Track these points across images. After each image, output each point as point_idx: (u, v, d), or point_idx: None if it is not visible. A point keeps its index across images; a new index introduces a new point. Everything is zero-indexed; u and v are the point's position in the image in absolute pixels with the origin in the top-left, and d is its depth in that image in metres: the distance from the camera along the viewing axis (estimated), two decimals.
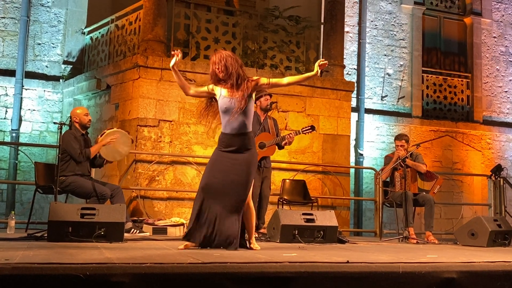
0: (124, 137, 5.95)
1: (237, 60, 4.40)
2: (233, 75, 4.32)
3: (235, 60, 4.38)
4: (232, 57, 4.38)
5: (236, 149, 4.35)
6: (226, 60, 4.34)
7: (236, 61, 4.39)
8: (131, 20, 8.03)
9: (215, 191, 4.32)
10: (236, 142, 4.35)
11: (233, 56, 4.40)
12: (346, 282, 3.03)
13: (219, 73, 4.36)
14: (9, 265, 2.60)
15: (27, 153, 8.09)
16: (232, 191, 4.30)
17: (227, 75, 4.34)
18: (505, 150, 11.25)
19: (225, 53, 4.41)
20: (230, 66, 4.33)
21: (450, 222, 10.17)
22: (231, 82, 4.33)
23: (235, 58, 4.41)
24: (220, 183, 4.32)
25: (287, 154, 7.88)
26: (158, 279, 2.75)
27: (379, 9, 10.71)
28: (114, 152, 5.92)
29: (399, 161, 6.76)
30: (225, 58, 4.35)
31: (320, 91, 8.31)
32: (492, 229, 6.03)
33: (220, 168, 4.35)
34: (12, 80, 8.54)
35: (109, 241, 4.67)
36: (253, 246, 4.42)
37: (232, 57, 4.39)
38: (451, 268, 3.30)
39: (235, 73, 4.33)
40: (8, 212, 7.82)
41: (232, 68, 4.33)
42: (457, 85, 11.17)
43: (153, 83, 7.37)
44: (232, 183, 4.30)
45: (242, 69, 4.40)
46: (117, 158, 6.21)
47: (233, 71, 4.33)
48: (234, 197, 4.30)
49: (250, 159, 4.36)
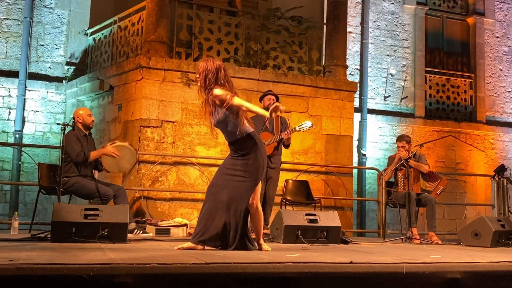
0: (130, 155, 5.93)
1: (217, 76, 4.33)
2: (206, 89, 4.36)
3: (214, 75, 4.33)
4: (213, 72, 4.33)
5: (235, 155, 4.45)
6: (207, 73, 4.34)
7: (216, 77, 4.33)
8: (134, 21, 8.04)
9: (217, 195, 4.38)
10: (233, 149, 4.46)
11: (214, 71, 4.33)
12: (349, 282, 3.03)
13: (198, 82, 4.42)
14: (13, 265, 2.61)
15: (31, 154, 8.10)
16: (231, 195, 4.35)
17: (204, 88, 4.38)
18: (508, 150, 11.22)
19: (210, 66, 4.36)
20: (208, 80, 4.34)
21: (453, 222, 10.15)
22: (205, 97, 4.40)
23: (216, 73, 4.33)
24: (221, 186, 4.39)
25: (290, 155, 7.88)
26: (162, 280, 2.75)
27: (382, 9, 10.70)
28: (114, 165, 5.92)
29: (402, 162, 6.76)
30: (206, 71, 4.34)
31: (323, 92, 8.30)
32: (495, 229, 6.02)
33: (224, 172, 4.45)
34: (15, 81, 8.56)
35: (113, 241, 4.67)
36: (263, 247, 4.42)
37: (213, 72, 4.33)
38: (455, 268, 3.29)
39: (207, 89, 4.36)
40: (11, 213, 7.84)
41: (208, 83, 4.34)
42: (460, 85, 11.16)
43: (156, 84, 7.38)
44: (231, 188, 4.37)
45: (218, 84, 4.33)
46: (115, 171, 6.21)
47: (207, 87, 4.35)
48: (233, 201, 4.35)
49: (246, 163, 4.38)
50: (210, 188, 4.47)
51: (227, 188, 4.37)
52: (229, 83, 4.39)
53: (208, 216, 4.36)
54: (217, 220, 4.33)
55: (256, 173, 4.40)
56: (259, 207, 4.49)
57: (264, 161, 4.45)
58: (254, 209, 4.45)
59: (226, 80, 4.37)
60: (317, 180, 8.11)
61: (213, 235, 4.32)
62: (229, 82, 4.40)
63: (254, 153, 4.41)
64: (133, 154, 5.98)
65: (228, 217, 4.34)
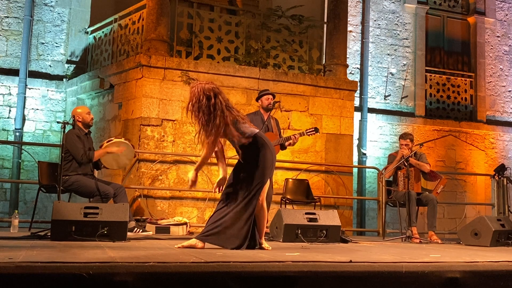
0: (128, 150, 5.96)
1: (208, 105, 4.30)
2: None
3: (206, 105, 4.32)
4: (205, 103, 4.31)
5: (246, 156, 4.44)
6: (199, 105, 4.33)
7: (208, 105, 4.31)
8: (134, 19, 8.04)
9: (230, 196, 4.42)
10: (243, 151, 4.44)
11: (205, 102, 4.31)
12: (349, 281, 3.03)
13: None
14: (12, 264, 2.61)
15: (31, 152, 8.10)
16: (243, 195, 4.37)
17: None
18: (508, 149, 11.22)
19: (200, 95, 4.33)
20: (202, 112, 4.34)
21: (453, 221, 10.15)
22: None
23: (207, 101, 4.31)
24: (234, 186, 4.42)
25: (290, 154, 7.88)
26: (161, 278, 2.75)
27: (382, 8, 10.70)
28: (113, 161, 5.94)
29: (403, 160, 6.75)
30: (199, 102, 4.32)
31: (323, 91, 8.30)
32: (495, 228, 6.02)
33: (237, 172, 4.48)
34: (15, 79, 8.56)
35: (112, 240, 4.68)
36: (264, 246, 4.42)
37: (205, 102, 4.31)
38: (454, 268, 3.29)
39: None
40: (11, 211, 7.85)
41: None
42: (460, 85, 11.15)
43: (156, 82, 7.38)
44: (243, 187, 4.38)
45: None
46: (115, 167, 6.23)
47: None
48: (245, 200, 4.36)
49: (257, 162, 4.37)
50: (225, 189, 4.47)
51: (239, 188, 4.37)
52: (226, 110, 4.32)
53: (219, 215, 4.37)
54: (228, 220, 4.33)
55: (265, 171, 4.39)
56: (264, 205, 4.49)
57: (273, 159, 4.46)
58: (259, 206, 4.45)
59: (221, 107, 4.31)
60: (317, 179, 8.11)
61: (223, 235, 4.32)
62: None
63: (263, 152, 4.40)
64: (131, 149, 5.99)
65: (239, 216, 4.34)
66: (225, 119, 4.29)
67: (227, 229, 4.32)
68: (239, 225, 4.32)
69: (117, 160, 5.92)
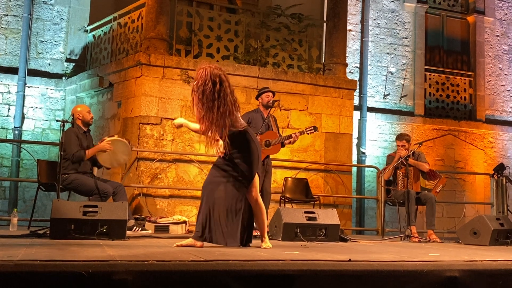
0: (124, 146, 5.90)
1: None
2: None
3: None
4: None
5: (230, 150, 4.48)
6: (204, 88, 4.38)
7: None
8: (133, 18, 8.03)
9: (214, 192, 4.42)
10: (228, 144, 4.48)
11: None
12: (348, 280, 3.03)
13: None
14: (11, 262, 2.61)
15: (30, 151, 8.10)
16: (229, 191, 4.38)
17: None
18: (507, 149, 11.23)
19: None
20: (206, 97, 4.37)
21: (452, 221, 10.16)
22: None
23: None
24: (217, 183, 4.43)
25: (289, 152, 7.88)
26: (160, 277, 2.75)
27: (382, 7, 10.69)
28: (112, 159, 5.90)
29: (402, 160, 6.76)
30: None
31: (323, 90, 8.30)
32: (494, 228, 6.02)
33: (219, 169, 4.49)
34: (14, 77, 8.55)
35: (112, 238, 4.68)
36: (263, 245, 4.37)
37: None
38: (453, 267, 3.29)
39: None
40: (10, 209, 7.84)
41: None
42: (459, 84, 11.15)
43: (155, 81, 7.37)
44: (228, 183, 4.39)
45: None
46: (115, 165, 6.19)
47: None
48: (231, 196, 4.37)
49: (241, 156, 4.37)
50: (206, 186, 4.43)
51: (223, 184, 4.35)
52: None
53: (207, 213, 4.35)
54: (216, 217, 4.33)
55: (253, 166, 4.37)
56: (259, 199, 4.46)
57: (259, 154, 4.43)
58: (254, 201, 4.43)
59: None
60: (316, 178, 8.11)
61: (214, 233, 4.32)
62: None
63: (252, 146, 4.39)
64: (126, 145, 5.93)
65: (229, 213, 4.33)
66: (226, 108, 4.27)
67: (219, 227, 4.31)
68: (231, 222, 4.31)
69: (115, 157, 5.89)
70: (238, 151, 4.38)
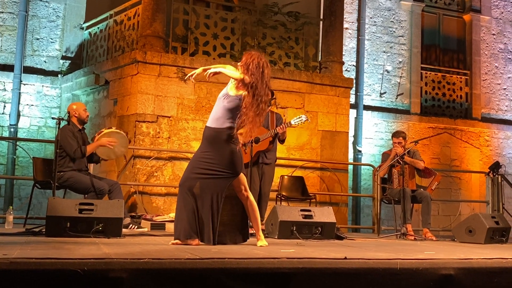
0: (122, 139, 5.91)
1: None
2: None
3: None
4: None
5: (209, 146, 4.58)
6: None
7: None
8: (129, 15, 8.01)
9: (192, 189, 4.40)
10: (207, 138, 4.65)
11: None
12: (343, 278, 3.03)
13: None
14: (7, 260, 2.60)
15: (25, 148, 8.08)
16: (210, 188, 4.36)
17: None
18: (503, 147, 11.26)
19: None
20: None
21: (448, 219, 10.19)
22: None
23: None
24: (194, 180, 4.41)
25: (286, 150, 7.88)
26: (156, 275, 2.75)
27: (378, 5, 10.70)
28: (110, 151, 5.90)
29: (397, 158, 6.77)
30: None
31: (319, 88, 8.31)
32: (489, 226, 6.04)
33: (197, 165, 4.48)
34: (10, 75, 8.52)
35: (107, 236, 4.67)
36: (258, 243, 4.36)
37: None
38: (449, 265, 3.30)
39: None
40: (6, 207, 7.82)
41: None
42: (455, 82, 11.17)
43: (151, 78, 7.36)
44: (209, 181, 4.38)
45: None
46: (112, 157, 6.19)
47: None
48: (211, 193, 4.35)
49: (222, 154, 4.41)
50: (184, 183, 4.36)
51: (202, 181, 4.31)
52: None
53: (188, 212, 4.29)
54: (198, 215, 4.29)
55: (234, 164, 4.35)
56: (250, 197, 4.45)
57: (241, 154, 4.42)
58: (245, 199, 4.43)
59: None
60: (312, 176, 8.12)
61: (197, 230, 4.29)
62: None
63: (229, 146, 4.37)
64: (123, 136, 5.94)
65: (210, 210, 4.30)
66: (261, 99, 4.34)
67: (204, 226, 4.28)
68: (214, 220, 4.29)
69: (113, 150, 5.89)
70: (219, 148, 4.38)
